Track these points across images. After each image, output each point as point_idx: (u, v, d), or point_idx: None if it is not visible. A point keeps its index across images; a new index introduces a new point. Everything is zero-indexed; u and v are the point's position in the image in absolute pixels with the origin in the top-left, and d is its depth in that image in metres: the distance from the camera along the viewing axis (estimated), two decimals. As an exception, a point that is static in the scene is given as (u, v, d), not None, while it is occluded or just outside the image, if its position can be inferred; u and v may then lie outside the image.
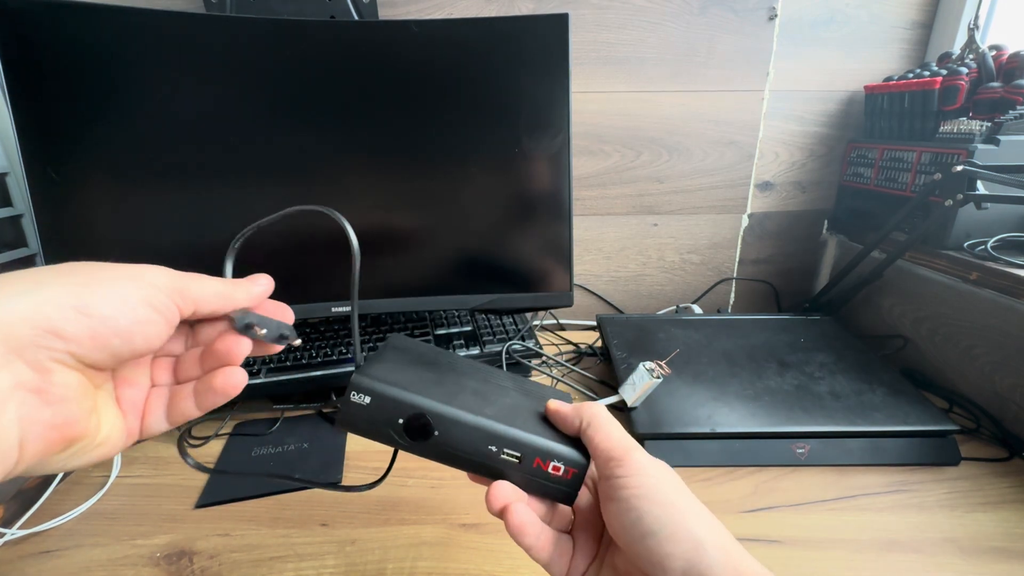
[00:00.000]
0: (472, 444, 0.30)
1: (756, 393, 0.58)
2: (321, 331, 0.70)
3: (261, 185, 0.60)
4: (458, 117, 0.61)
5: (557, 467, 0.30)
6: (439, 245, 0.66)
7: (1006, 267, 0.57)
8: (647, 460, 0.29)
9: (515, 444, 0.30)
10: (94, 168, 0.55)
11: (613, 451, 0.29)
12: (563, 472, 0.30)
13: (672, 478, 0.29)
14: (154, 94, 0.56)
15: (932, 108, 0.67)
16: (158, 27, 0.54)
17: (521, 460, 0.30)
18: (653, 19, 0.77)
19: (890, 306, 0.76)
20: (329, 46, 0.57)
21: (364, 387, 0.29)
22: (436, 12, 0.76)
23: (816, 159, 0.86)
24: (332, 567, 0.42)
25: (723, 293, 0.93)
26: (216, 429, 0.60)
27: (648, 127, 0.82)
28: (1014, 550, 0.43)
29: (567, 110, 0.62)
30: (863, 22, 0.79)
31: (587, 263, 0.90)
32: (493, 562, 0.42)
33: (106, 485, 0.51)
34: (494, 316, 0.76)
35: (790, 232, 0.90)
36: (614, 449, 0.29)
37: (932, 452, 0.52)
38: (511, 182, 0.65)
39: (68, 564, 0.42)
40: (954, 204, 0.60)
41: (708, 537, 0.26)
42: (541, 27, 0.59)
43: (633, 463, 0.28)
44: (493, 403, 0.32)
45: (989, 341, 0.61)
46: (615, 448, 0.29)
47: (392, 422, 0.29)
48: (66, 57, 0.52)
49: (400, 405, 0.29)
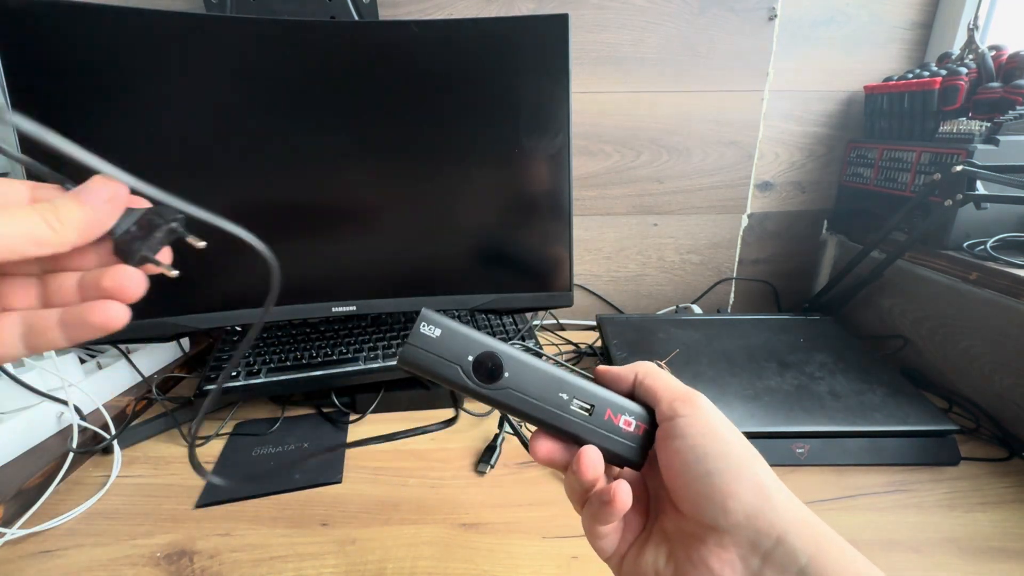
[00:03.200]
0: (542, 390, 0.28)
1: (756, 393, 0.58)
2: (321, 331, 0.70)
3: (261, 184, 0.60)
4: (458, 117, 0.61)
5: (628, 421, 0.28)
6: (439, 245, 0.66)
7: (1006, 267, 0.57)
8: (709, 403, 0.28)
9: (586, 393, 0.29)
10: (94, 168, 0.55)
11: (677, 392, 0.28)
12: (634, 427, 0.29)
13: (735, 428, 0.27)
14: (154, 94, 0.56)
15: (932, 108, 0.67)
16: (158, 27, 0.54)
17: (592, 411, 0.28)
18: (653, 19, 0.77)
19: (890, 306, 0.76)
20: (329, 46, 0.57)
21: (434, 320, 0.28)
22: (436, 12, 0.76)
23: (816, 159, 0.86)
24: (332, 567, 0.42)
25: (723, 293, 0.93)
26: (216, 429, 0.60)
27: (648, 127, 0.82)
28: (1013, 550, 0.43)
29: (567, 110, 0.62)
30: (863, 22, 0.79)
31: (587, 263, 0.90)
32: (493, 562, 0.42)
33: (106, 485, 0.51)
34: (494, 316, 0.76)
35: (790, 232, 0.90)
36: (676, 390, 0.28)
37: (932, 452, 0.52)
38: (511, 182, 0.65)
39: (68, 564, 0.42)
40: (954, 204, 0.60)
41: (774, 484, 0.24)
42: (541, 27, 0.60)
43: (699, 402, 0.27)
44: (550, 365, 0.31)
45: (989, 341, 0.61)
46: (679, 389, 0.28)
47: (461, 358, 0.28)
48: (66, 57, 0.52)
49: (471, 342, 0.28)
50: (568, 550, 0.43)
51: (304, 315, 0.65)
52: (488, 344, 0.28)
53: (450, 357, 0.28)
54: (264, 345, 0.67)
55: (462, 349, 0.28)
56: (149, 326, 0.59)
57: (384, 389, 0.64)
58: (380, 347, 0.66)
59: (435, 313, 0.28)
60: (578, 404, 0.29)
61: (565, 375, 0.29)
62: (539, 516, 0.47)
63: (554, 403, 0.28)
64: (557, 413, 0.28)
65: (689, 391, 0.28)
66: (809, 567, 0.22)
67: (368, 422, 0.61)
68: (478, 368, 0.28)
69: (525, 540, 0.44)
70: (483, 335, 0.29)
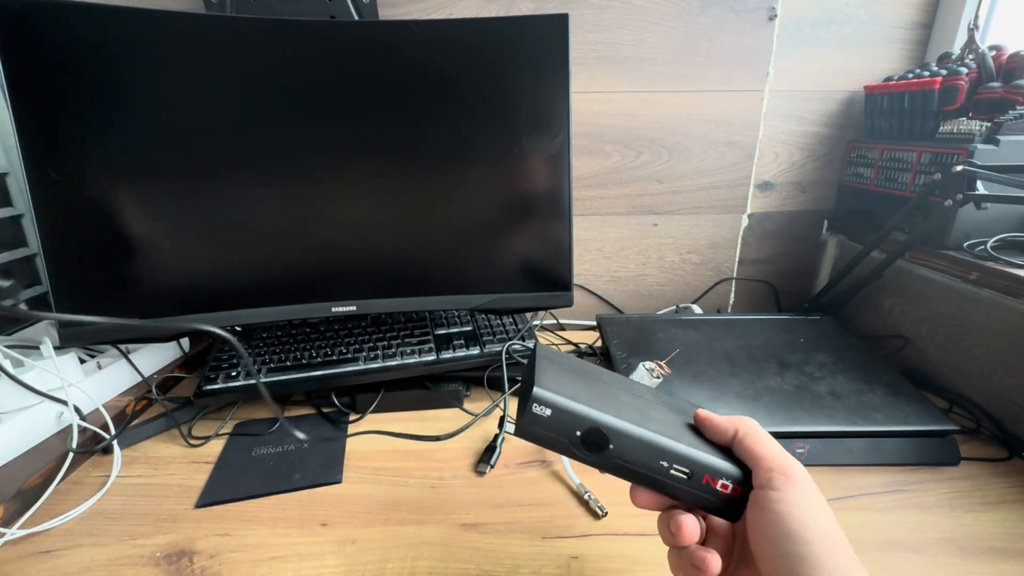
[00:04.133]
0: (644, 458, 0.30)
1: (756, 393, 0.58)
2: (321, 331, 0.70)
3: (261, 185, 0.60)
4: (458, 117, 0.61)
5: (725, 485, 0.30)
6: (439, 245, 0.66)
7: (1006, 267, 0.57)
8: (808, 481, 0.29)
9: (685, 460, 0.30)
10: (94, 168, 0.55)
11: (775, 462, 0.29)
12: (731, 490, 0.30)
13: (827, 506, 0.28)
14: (154, 94, 0.56)
15: (932, 108, 0.67)
16: (158, 27, 0.54)
17: (691, 476, 0.30)
18: (653, 19, 0.77)
19: (890, 306, 0.76)
20: (329, 46, 0.57)
21: (545, 400, 0.30)
22: (436, 12, 0.76)
23: (816, 159, 0.86)
24: (332, 567, 0.42)
25: (723, 293, 0.93)
26: (216, 429, 0.60)
27: (648, 127, 0.82)
28: (1014, 550, 0.43)
29: (567, 110, 0.62)
30: (863, 22, 0.79)
31: (587, 263, 0.90)
32: (493, 562, 0.42)
33: (106, 485, 0.51)
34: (494, 316, 0.76)
35: (790, 232, 0.90)
36: (775, 460, 0.29)
37: (932, 452, 0.52)
38: (511, 182, 0.65)
39: (68, 564, 0.42)
40: (954, 204, 0.60)
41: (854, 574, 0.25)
42: (541, 27, 0.60)
43: (796, 479, 0.28)
44: (651, 418, 0.33)
45: (989, 341, 0.61)
46: (777, 459, 0.29)
47: (570, 434, 0.30)
48: (66, 57, 0.52)
49: (578, 418, 0.30)
50: (568, 550, 0.43)
51: (304, 315, 0.65)
52: (594, 419, 0.30)
53: (561, 432, 0.31)
54: (264, 345, 0.67)
55: (571, 425, 0.30)
56: (149, 326, 0.59)
57: (384, 389, 0.64)
58: (380, 347, 0.66)
59: (546, 392, 0.30)
60: (677, 469, 0.30)
61: (665, 443, 0.30)
62: (539, 516, 0.47)
63: (656, 469, 0.31)
64: (658, 479, 0.31)
65: (787, 462, 0.29)
66: None
67: (368, 422, 0.61)
68: (586, 441, 0.31)
69: (525, 540, 0.44)
70: (591, 409, 0.31)
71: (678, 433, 0.32)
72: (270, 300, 0.63)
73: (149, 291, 0.59)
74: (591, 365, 0.39)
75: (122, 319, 0.37)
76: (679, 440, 0.31)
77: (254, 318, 0.63)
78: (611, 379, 0.37)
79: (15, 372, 0.53)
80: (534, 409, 0.30)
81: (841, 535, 0.27)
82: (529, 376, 0.34)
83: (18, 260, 0.74)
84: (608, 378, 0.38)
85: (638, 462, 0.31)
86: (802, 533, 0.26)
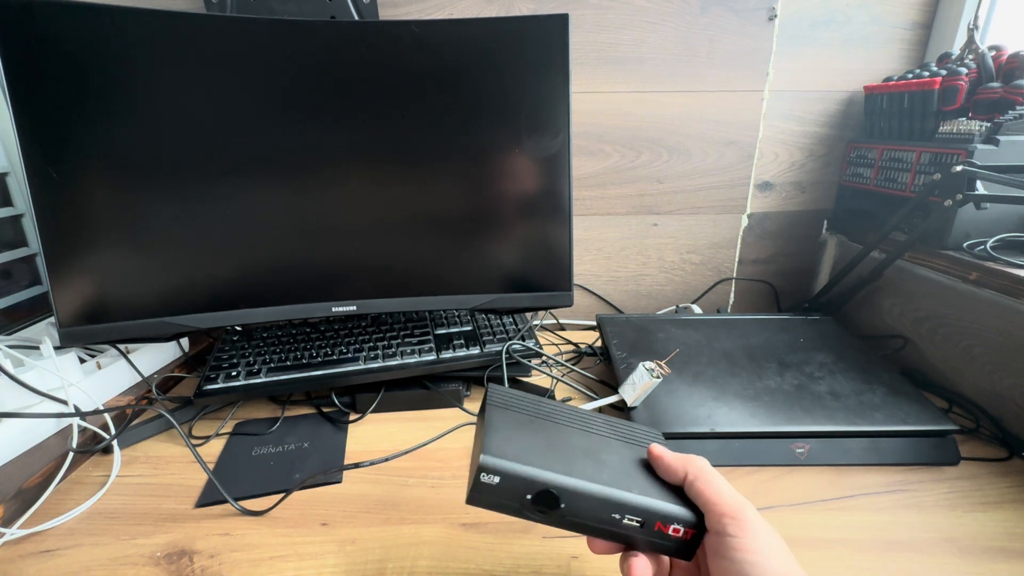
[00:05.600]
0: (597, 513, 0.31)
1: (756, 393, 0.58)
2: (321, 331, 0.70)
3: (262, 185, 0.60)
4: (458, 117, 0.61)
5: (677, 529, 0.31)
6: (439, 245, 0.66)
7: (1006, 267, 0.57)
8: (760, 522, 0.29)
9: (636, 511, 0.31)
10: (95, 168, 0.55)
11: (726, 507, 0.29)
12: (683, 534, 0.31)
13: (783, 546, 0.29)
14: (154, 94, 0.56)
15: (932, 108, 0.67)
16: (158, 27, 0.54)
17: (643, 525, 0.31)
18: (653, 19, 0.77)
19: (890, 306, 0.76)
20: (329, 46, 0.57)
21: (493, 468, 0.30)
22: (436, 12, 0.76)
23: (816, 159, 0.86)
24: (332, 567, 0.42)
25: (723, 293, 0.93)
26: (216, 428, 0.60)
27: (648, 127, 0.82)
28: (1014, 550, 0.43)
29: (567, 110, 0.62)
30: (863, 22, 0.79)
31: (587, 263, 0.90)
32: (493, 562, 0.42)
33: (106, 485, 0.51)
34: (494, 316, 0.76)
35: (790, 232, 0.90)
36: (726, 505, 0.29)
37: (932, 452, 0.52)
38: (511, 182, 0.65)
39: (68, 564, 0.42)
40: (954, 204, 0.60)
41: None
42: (541, 27, 0.60)
43: (747, 523, 0.28)
44: (604, 463, 0.33)
45: (989, 341, 0.61)
46: (728, 504, 0.29)
47: (521, 498, 0.31)
48: (66, 57, 0.52)
49: (528, 482, 0.31)
50: (568, 550, 0.43)
51: (304, 315, 0.65)
52: (544, 481, 0.31)
53: (511, 498, 0.31)
54: (264, 345, 0.67)
55: (521, 490, 0.31)
56: (149, 326, 0.59)
57: (384, 389, 0.64)
58: (380, 347, 0.66)
59: (494, 459, 0.31)
60: (630, 519, 0.31)
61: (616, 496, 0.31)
62: (539, 516, 0.47)
63: (608, 522, 0.31)
64: (611, 530, 0.31)
65: (738, 504, 0.29)
66: None
67: (368, 422, 0.61)
68: (536, 502, 0.31)
69: (525, 540, 0.44)
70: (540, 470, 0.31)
71: (630, 478, 0.32)
72: (270, 300, 0.63)
73: (149, 291, 0.59)
74: (545, 403, 0.39)
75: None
76: (631, 488, 0.31)
77: (254, 318, 0.63)
78: (565, 417, 0.38)
79: (15, 372, 0.53)
80: (482, 479, 0.30)
81: (800, 572, 0.28)
82: (479, 432, 0.34)
83: (18, 260, 0.74)
84: (562, 416, 0.38)
85: (591, 517, 0.31)
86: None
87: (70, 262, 0.56)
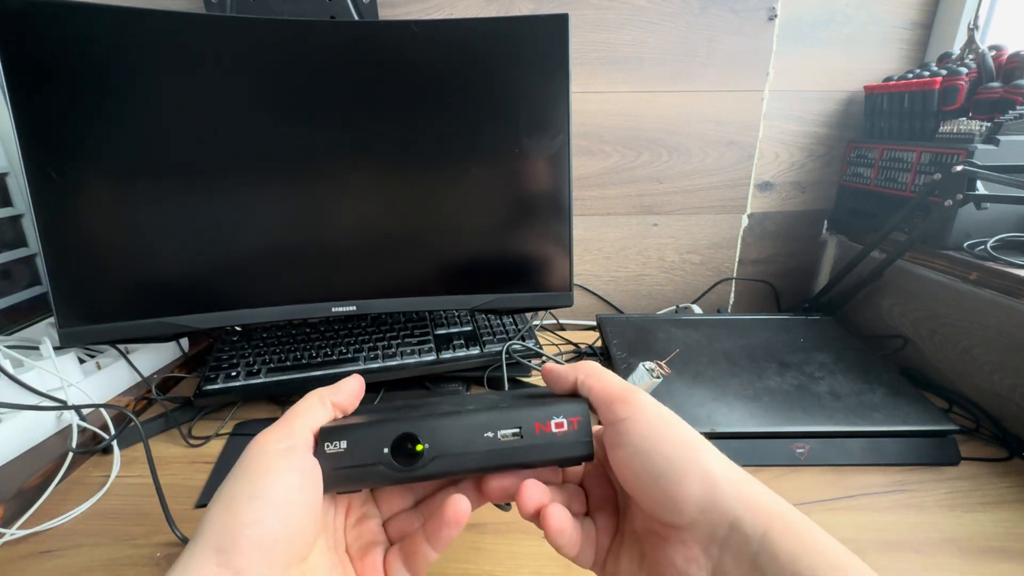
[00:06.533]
0: (467, 441, 0.27)
1: (756, 393, 0.58)
2: (321, 331, 0.70)
3: (261, 185, 0.60)
4: (458, 117, 0.61)
5: (560, 423, 0.28)
6: (439, 245, 0.66)
7: (1006, 267, 0.57)
8: (650, 400, 0.27)
9: (509, 420, 0.28)
10: (94, 168, 0.55)
11: (614, 392, 0.27)
12: (567, 426, 0.28)
13: (679, 420, 0.27)
14: (154, 94, 0.56)
15: (932, 108, 0.67)
16: (158, 27, 0.54)
17: (522, 432, 0.27)
18: (653, 19, 0.77)
19: (890, 306, 0.76)
20: (329, 46, 0.57)
21: (335, 433, 0.27)
22: (436, 12, 0.76)
23: (816, 159, 0.86)
24: (332, 567, 0.41)
25: (723, 293, 0.93)
26: (216, 429, 0.60)
27: (648, 127, 0.82)
28: (1014, 550, 0.43)
29: (567, 110, 0.62)
30: (863, 22, 0.79)
31: (587, 263, 0.90)
32: (493, 562, 0.42)
33: (106, 485, 0.51)
34: (494, 316, 0.76)
35: (790, 232, 0.90)
36: (614, 391, 0.27)
37: (932, 452, 0.52)
38: (511, 182, 0.65)
39: (68, 564, 0.42)
40: (954, 204, 0.60)
41: (722, 472, 0.24)
42: (541, 27, 0.60)
43: (636, 402, 0.27)
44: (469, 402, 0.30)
45: (989, 341, 0.61)
46: (615, 389, 0.27)
47: (378, 454, 0.27)
48: (66, 57, 0.52)
49: (380, 433, 0.27)
50: (568, 550, 0.43)
51: (304, 315, 0.65)
52: (398, 426, 0.27)
53: (367, 458, 0.27)
54: (264, 345, 0.67)
55: (375, 445, 0.27)
56: (148, 326, 0.59)
57: (384, 389, 0.64)
58: (380, 347, 0.66)
59: (330, 425, 0.27)
60: (505, 434, 0.27)
61: (482, 416, 0.28)
62: (539, 516, 0.47)
63: (485, 445, 0.27)
64: (492, 452, 0.27)
65: (626, 390, 0.28)
66: (761, 547, 0.22)
67: (368, 422, 0.61)
68: (397, 453, 0.27)
69: (526, 539, 0.44)
70: (385, 414, 0.28)
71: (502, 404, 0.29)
72: (270, 300, 0.63)
73: (149, 291, 0.59)
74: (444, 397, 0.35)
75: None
76: (499, 406, 0.28)
77: (254, 318, 0.63)
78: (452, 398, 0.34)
79: (15, 372, 0.53)
80: (328, 449, 0.26)
81: (699, 437, 0.26)
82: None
83: (18, 260, 0.74)
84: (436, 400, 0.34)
85: (465, 447, 0.27)
86: (658, 449, 0.25)
87: (70, 262, 0.56)
